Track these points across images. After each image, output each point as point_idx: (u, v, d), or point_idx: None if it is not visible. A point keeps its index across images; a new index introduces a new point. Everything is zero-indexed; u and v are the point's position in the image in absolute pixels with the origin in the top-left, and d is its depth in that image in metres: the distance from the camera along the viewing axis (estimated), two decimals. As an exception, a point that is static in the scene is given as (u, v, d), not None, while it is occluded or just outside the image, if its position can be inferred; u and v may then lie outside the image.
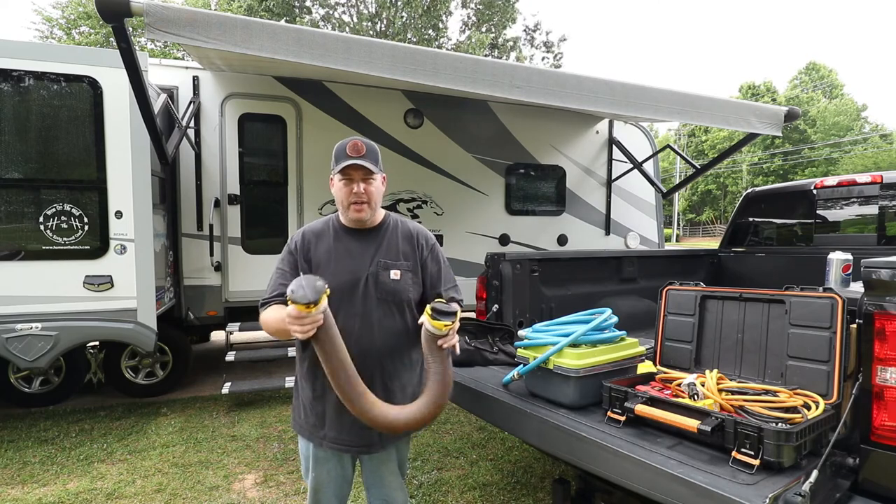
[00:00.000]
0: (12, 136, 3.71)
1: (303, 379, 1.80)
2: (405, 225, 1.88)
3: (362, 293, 1.72)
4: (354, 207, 1.73)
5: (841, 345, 1.76)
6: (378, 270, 1.75)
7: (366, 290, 1.73)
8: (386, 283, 1.74)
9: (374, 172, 1.72)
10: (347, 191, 1.72)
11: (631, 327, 2.36)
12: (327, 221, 1.84)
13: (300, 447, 1.88)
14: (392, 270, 1.75)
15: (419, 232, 1.88)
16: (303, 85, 5.22)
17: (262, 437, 3.85)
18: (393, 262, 1.77)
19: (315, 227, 1.83)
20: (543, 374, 2.05)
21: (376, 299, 1.73)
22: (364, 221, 1.77)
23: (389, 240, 1.81)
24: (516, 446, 3.64)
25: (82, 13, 19.08)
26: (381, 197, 1.80)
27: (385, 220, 1.85)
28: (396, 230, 1.84)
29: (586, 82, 3.67)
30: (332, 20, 20.09)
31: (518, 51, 21.94)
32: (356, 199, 1.72)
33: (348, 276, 1.73)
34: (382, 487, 1.89)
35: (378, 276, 1.74)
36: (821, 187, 4.01)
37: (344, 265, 1.74)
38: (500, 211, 6.19)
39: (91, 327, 3.87)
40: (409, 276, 1.79)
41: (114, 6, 2.58)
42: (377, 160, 1.75)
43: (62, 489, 3.07)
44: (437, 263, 1.87)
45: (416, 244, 1.84)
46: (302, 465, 1.90)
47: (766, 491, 1.32)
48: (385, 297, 1.74)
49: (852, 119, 40.97)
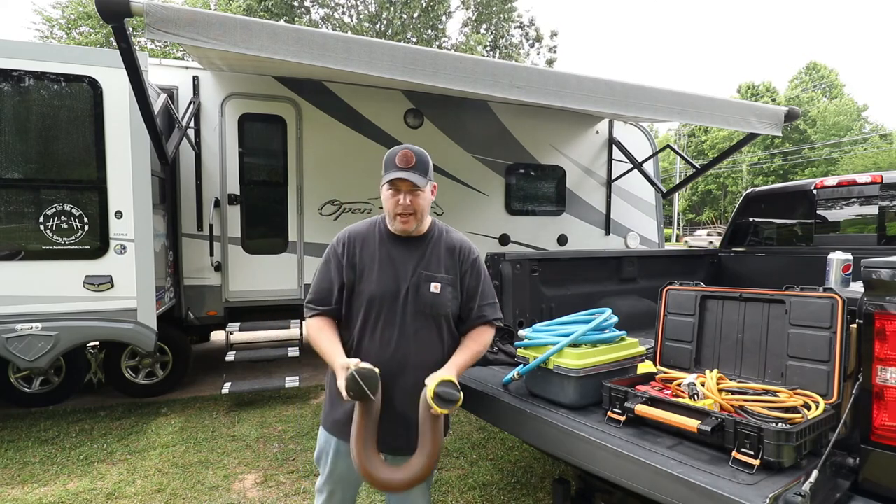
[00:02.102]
0: (12, 136, 3.72)
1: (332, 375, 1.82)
2: (450, 236, 1.89)
3: (402, 304, 1.75)
4: (401, 219, 1.75)
5: (841, 345, 1.75)
6: (419, 282, 1.76)
7: (405, 300, 1.75)
8: (425, 296, 1.75)
9: (421, 186, 1.72)
10: (394, 202, 1.73)
11: (631, 327, 2.35)
12: (373, 223, 1.86)
13: (320, 440, 1.89)
14: (433, 283, 1.76)
15: (462, 244, 1.88)
16: (303, 85, 5.22)
17: (262, 437, 3.85)
18: (434, 274, 1.78)
19: (360, 230, 1.84)
20: (543, 374, 2.05)
21: (414, 311, 1.75)
22: (410, 231, 1.79)
23: (433, 251, 1.82)
24: (516, 446, 3.64)
25: (82, 13, 19.06)
26: (428, 207, 1.81)
27: (431, 230, 1.86)
28: (440, 241, 1.85)
29: (586, 82, 3.67)
30: (332, 20, 20.10)
31: (517, 55, 21.98)
32: (402, 211, 1.73)
33: (390, 285, 1.75)
34: (407, 495, 1.84)
35: (419, 287, 1.76)
36: (821, 187, 4.00)
37: (387, 273, 1.76)
38: (500, 211, 6.19)
39: (91, 327, 3.87)
40: (449, 289, 1.79)
41: (114, 6, 2.58)
42: (426, 171, 1.76)
43: (62, 489, 3.07)
44: (477, 279, 1.87)
45: (458, 257, 1.85)
46: (315, 452, 1.91)
47: (766, 491, 1.31)
48: (423, 310, 1.75)
49: (852, 119, 40.97)
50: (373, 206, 5.54)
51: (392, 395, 1.71)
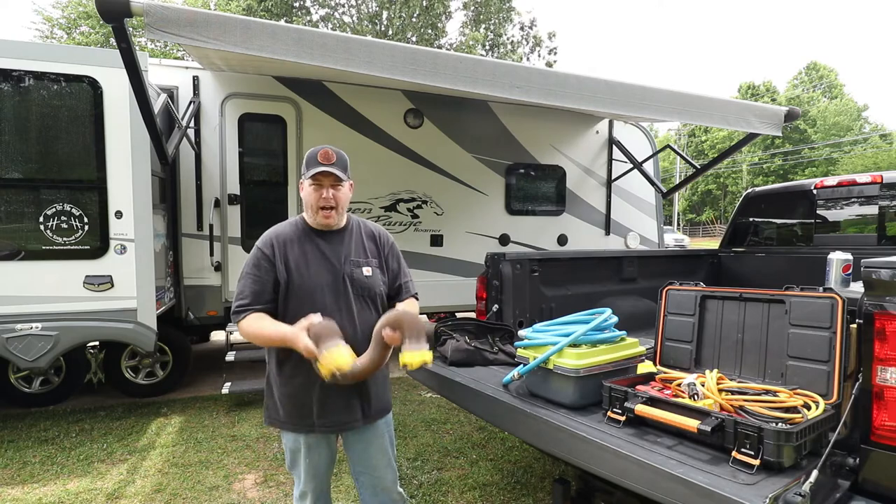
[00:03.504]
0: (12, 136, 3.71)
1: (283, 376, 1.87)
2: (366, 226, 2.05)
3: (342, 290, 1.86)
4: (323, 213, 1.86)
5: (841, 345, 1.75)
6: (352, 269, 1.90)
7: (344, 287, 1.87)
8: (361, 280, 1.90)
9: (342, 179, 1.85)
10: (317, 196, 1.84)
11: (631, 327, 2.35)
12: (294, 224, 1.94)
13: (285, 441, 1.94)
14: (364, 268, 1.92)
15: (380, 232, 2.06)
16: (303, 85, 5.22)
17: (262, 437, 3.85)
18: (363, 259, 1.93)
19: (283, 231, 1.92)
20: (543, 374, 2.05)
21: (353, 295, 1.88)
22: (332, 225, 1.90)
23: (356, 240, 1.96)
24: (516, 446, 3.64)
25: (82, 13, 19.08)
26: (347, 202, 1.95)
27: (349, 222, 1.99)
28: (360, 231, 2.00)
29: (587, 82, 3.67)
30: (333, 20, 20.11)
31: (516, 53, 21.97)
32: (325, 204, 1.84)
33: (328, 275, 1.86)
34: (371, 470, 1.96)
35: (353, 273, 1.89)
36: (821, 187, 4.00)
37: (322, 265, 1.87)
38: (500, 211, 6.19)
39: (91, 327, 3.87)
40: (378, 271, 1.97)
41: (114, 6, 2.58)
42: (346, 168, 1.88)
43: (62, 489, 3.07)
44: (398, 260, 2.07)
45: (379, 243, 2.01)
46: (287, 458, 1.96)
47: (766, 491, 1.31)
48: (361, 293, 1.89)
49: (852, 119, 40.99)
50: (373, 206, 5.54)
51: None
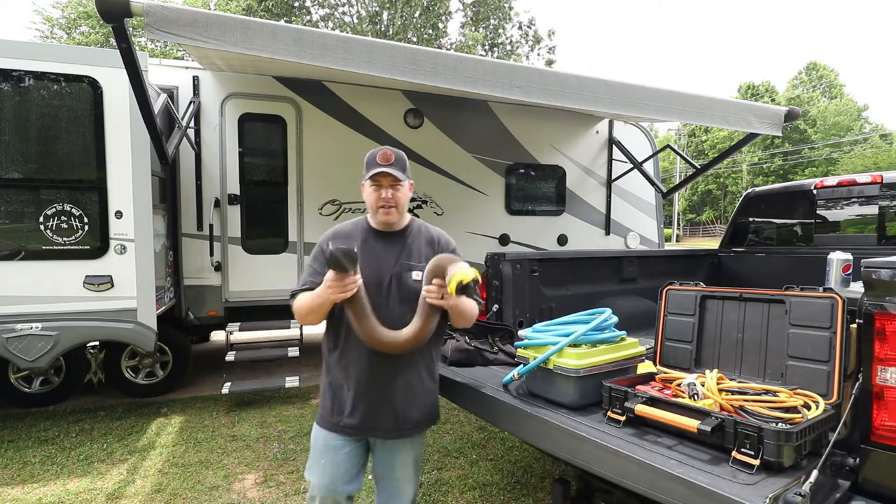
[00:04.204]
0: (12, 136, 3.71)
1: (327, 365, 1.93)
2: (428, 230, 2.02)
3: (386, 292, 1.85)
4: (383, 211, 1.88)
5: (841, 345, 1.75)
6: (401, 271, 1.87)
7: (389, 288, 1.85)
8: (408, 283, 1.86)
9: (401, 180, 1.87)
10: (377, 196, 1.87)
11: (631, 327, 2.35)
12: (356, 223, 2.00)
13: (312, 437, 1.96)
14: (414, 272, 1.87)
15: (441, 236, 2.02)
16: (303, 85, 5.22)
17: (262, 437, 3.85)
18: (415, 263, 1.89)
19: (344, 229, 1.98)
20: (543, 374, 2.05)
21: (398, 298, 1.85)
22: (391, 224, 1.92)
23: (413, 243, 1.94)
24: (516, 446, 3.64)
25: (82, 13, 19.08)
26: (407, 202, 1.95)
27: (410, 225, 1.99)
28: (420, 234, 1.98)
29: (587, 82, 3.67)
30: (333, 19, 20.11)
31: (515, 54, 21.98)
32: (384, 204, 1.87)
33: (374, 275, 1.84)
34: (392, 480, 1.95)
35: (401, 276, 1.86)
36: (821, 187, 4.00)
37: (370, 265, 1.85)
38: (500, 211, 6.19)
39: (91, 327, 3.87)
40: None
41: (114, 6, 2.58)
42: (405, 168, 1.90)
43: (62, 489, 3.07)
44: None
45: (436, 248, 1.97)
46: (311, 455, 1.95)
47: (766, 491, 1.31)
48: (406, 297, 1.85)
49: (852, 119, 40.99)
50: (373, 206, 5.53)
51: (381, 377, 1.82)
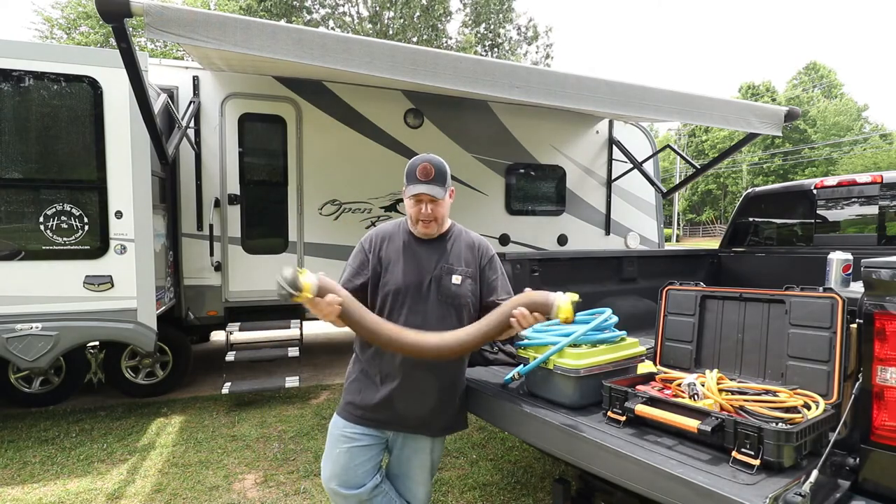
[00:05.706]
0: (12, 136, 3.71)
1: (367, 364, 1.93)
2: (468, 235, 2.06)
3: (425, 294, 1.89)
4: (423, 224, 1.92)
5: (841, 345, 1.75)
6: (441, 274, 1.91)
7: (428, 291, 1.90)
8: (447, 287, 1.90)
9: (440, 198, 1.87)
10: (417, 210, 1.90)
11: (631, 327, 2.35)
12: (398, 224, 2.03)
13: (330, 427, 1.98)
14: (454, 275, 1.92)
15: (480, 242, 2.06)
16: (303, 85, 5.22)
17: (262, 437, 3.85)
18: (455, 267, 1.94)
19: (386, 229, 2.02)
20: (543, 373, 2.05)
21: (437, 301, 1.89)
22: (431, 234, 1.96)
23: (453, 247, 1.98)
24: (516, 446, 3.64)
25: (82, 13, 19.08)
26: (447, 211, 1.98)
27: (450, 230, 2.03)
28: (460, 239, 2.02)
29: (586, 82, 3.67)
30: (333, 19, 20.11)
31: (515, 54, 21.99)
32: (424, 218, 1.90)
33: (414, 277, 1.89)
34: (407, 480, 1.98)
35: (441, 279, 1.91)
36: (821, 187, 4.00)
37: (411, 266, 1.91)
38: (500, 211, 6.19)
39: (91, 327, 3.87)
40: (469, 281, 1.95)
41: (114, 6, 2.57)
42: (445, 180, 1.91)
43: (62, 489, 3.07)
44: (495, 272, 2.03)
45: (476, 253, 2.01)
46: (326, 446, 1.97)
47: (766, 491, 1.31)
48: (445, 300, 1.90)
49: (852, 119, 40.99)
50: (373, 206, 5.54)
51: (415, 377, 1.84)
